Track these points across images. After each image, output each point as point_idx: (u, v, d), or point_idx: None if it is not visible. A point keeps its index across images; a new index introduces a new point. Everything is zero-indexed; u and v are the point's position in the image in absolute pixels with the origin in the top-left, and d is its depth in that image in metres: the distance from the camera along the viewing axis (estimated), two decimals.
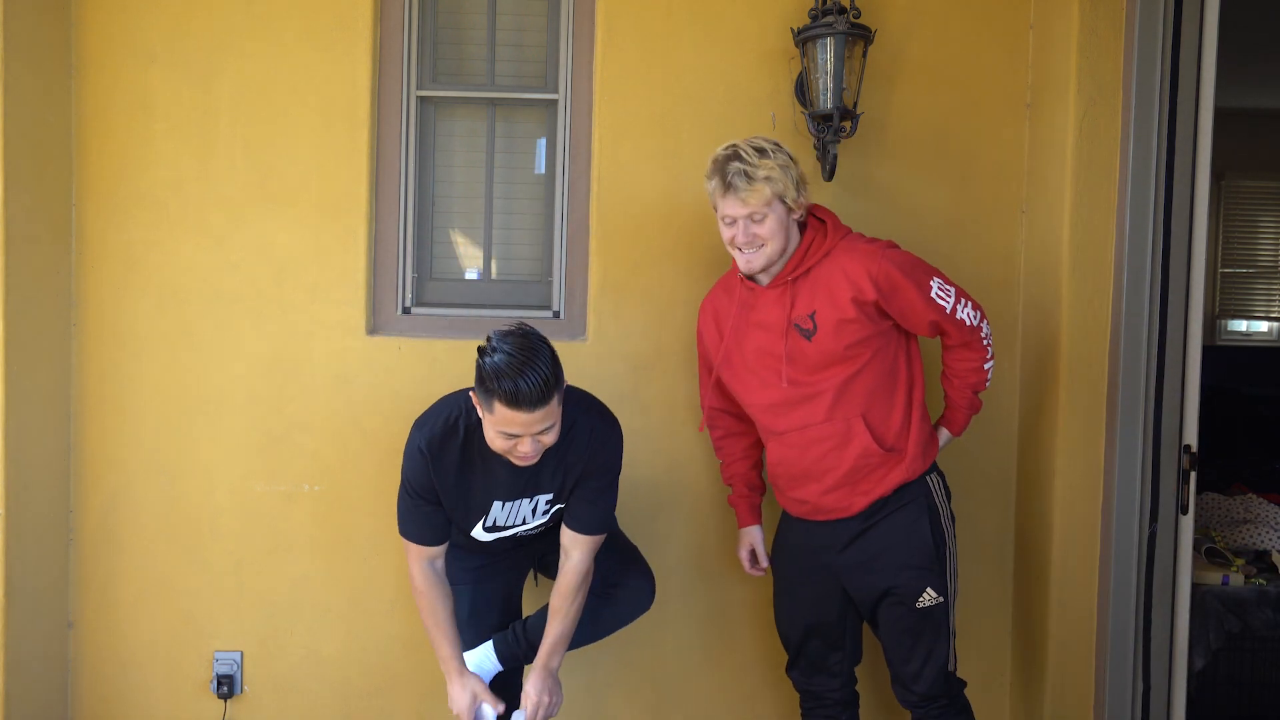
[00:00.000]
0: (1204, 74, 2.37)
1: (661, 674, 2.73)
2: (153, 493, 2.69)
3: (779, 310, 2.15)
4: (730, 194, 2.08)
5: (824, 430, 2.13)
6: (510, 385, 1.84)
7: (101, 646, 2.72)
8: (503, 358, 1.85)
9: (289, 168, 2.65)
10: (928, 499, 2.17)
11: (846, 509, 2.16)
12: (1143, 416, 2.41)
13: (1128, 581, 2.44)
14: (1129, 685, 2.46)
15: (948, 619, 2.18)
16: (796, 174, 2.10)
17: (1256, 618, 3.00)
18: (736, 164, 2.06)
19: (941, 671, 2.18)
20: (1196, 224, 2.39)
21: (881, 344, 2.13)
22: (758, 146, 2.08)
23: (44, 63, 2.55)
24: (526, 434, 1.91)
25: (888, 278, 2.08)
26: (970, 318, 2.17)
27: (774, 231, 2.10)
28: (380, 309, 2.73)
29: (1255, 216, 5.96)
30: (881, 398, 2.14)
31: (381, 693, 2.73)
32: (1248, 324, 6.02)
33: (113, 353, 2.68)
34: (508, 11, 2.80)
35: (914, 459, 2.15)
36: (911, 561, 2.14)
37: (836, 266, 2.11)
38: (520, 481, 2.07)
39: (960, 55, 2.66)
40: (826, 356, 2.10)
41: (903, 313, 2.13)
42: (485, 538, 2.18)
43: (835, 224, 2.19)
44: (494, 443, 1.95)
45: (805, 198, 2.13)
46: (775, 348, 2.15)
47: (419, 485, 2.08)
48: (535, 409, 1.86)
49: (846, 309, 2.08)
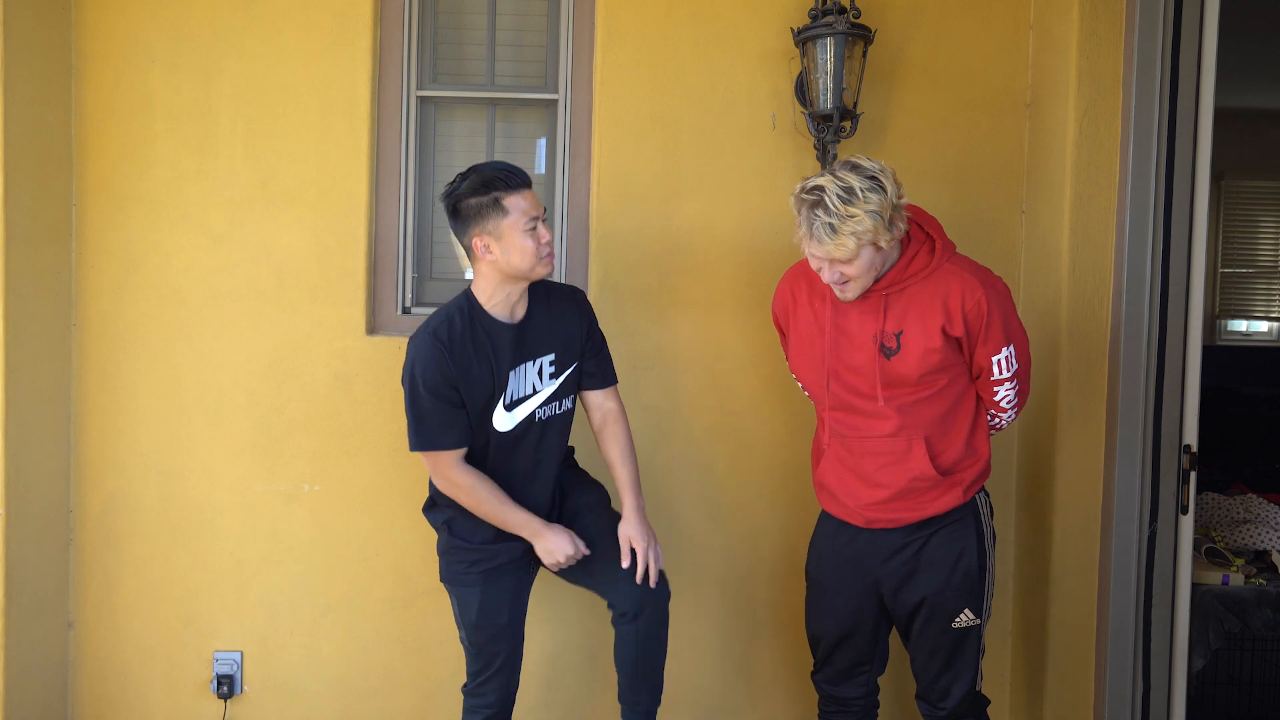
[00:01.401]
0: (1204, 74, 2.37)
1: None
2: (153, 493, 2.69)
3: (869, 320, 2.06)
4: (815, 243, 1.95)
5: (885, 444, 2.08)
6: (500, 174, 2.07)
7: (101, 646, 2.72)
8: (471, 176, 2.09)
9: (289, 168, 2.65)
10: (976, 520, 2.13)
11: (894, 521, 2.11)
12: (1143, 416, 2.41)
13: (1128, 581, 2.44)
14: (1129, 685, 2.46)
15: (980, 640, 2.15)
16: (890, 212, 1.92)
17: (1256, 618, 3.00)
18: (820, 214, 1.90)
19: (970, 691, 2.16)
20: (1196, 224, 2.39)
21: (958, 373, 2.08)
22: (846, 188, 1.89)
23: (44, 63, 2.55)
24: (540, 217, 2.10)
25: (979, 314, 2.00)
26: (1004, 402, 2.11)
27: (864, 270, 1.98)
28: (380, 309, 2.73)
29: (1255, 216, 5.97)
30: (946, 424, 2.08)
31: (381, 693, 2.73)
32: (1248, 324, 6.02)
33: (113, 353, 2.68)
34: (508, 11, 2.80)
35: (970, 485, 2.11)
36: (954, 581, 2.09)
37: (937, 290, 2.01)
38: (521, 348, 2.16)
39: (960, 55, 2.66)
40: (901, 378, 2.04)
41: (971, 349, 2.05)
42: (506, 425, 2.16)
43: (944, 243, 2.06)
44: (526, 250, 2.07)
45: (899, 231, 1.98)
46: (856, 359, 2.08)
47: (437, 380, 2.08)
48: (528, 185, 2.10)
49: (934, 338, 2.01)
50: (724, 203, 2.66)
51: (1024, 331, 2.12)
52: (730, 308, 2.68)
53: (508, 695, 2.29)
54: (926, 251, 2.04)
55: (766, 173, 2.65)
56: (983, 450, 2.13)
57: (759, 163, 2.65)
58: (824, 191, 1.91)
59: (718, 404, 2.69)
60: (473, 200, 2.07)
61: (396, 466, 2.68)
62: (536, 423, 2.21)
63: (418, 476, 2.68)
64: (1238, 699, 3.22)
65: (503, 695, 2.28)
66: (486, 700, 2.27)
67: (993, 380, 2.07)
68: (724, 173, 2.66)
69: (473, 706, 2.29)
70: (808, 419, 2.69)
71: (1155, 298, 2.40)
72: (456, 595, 2.26)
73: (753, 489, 2.71)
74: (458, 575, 2.23)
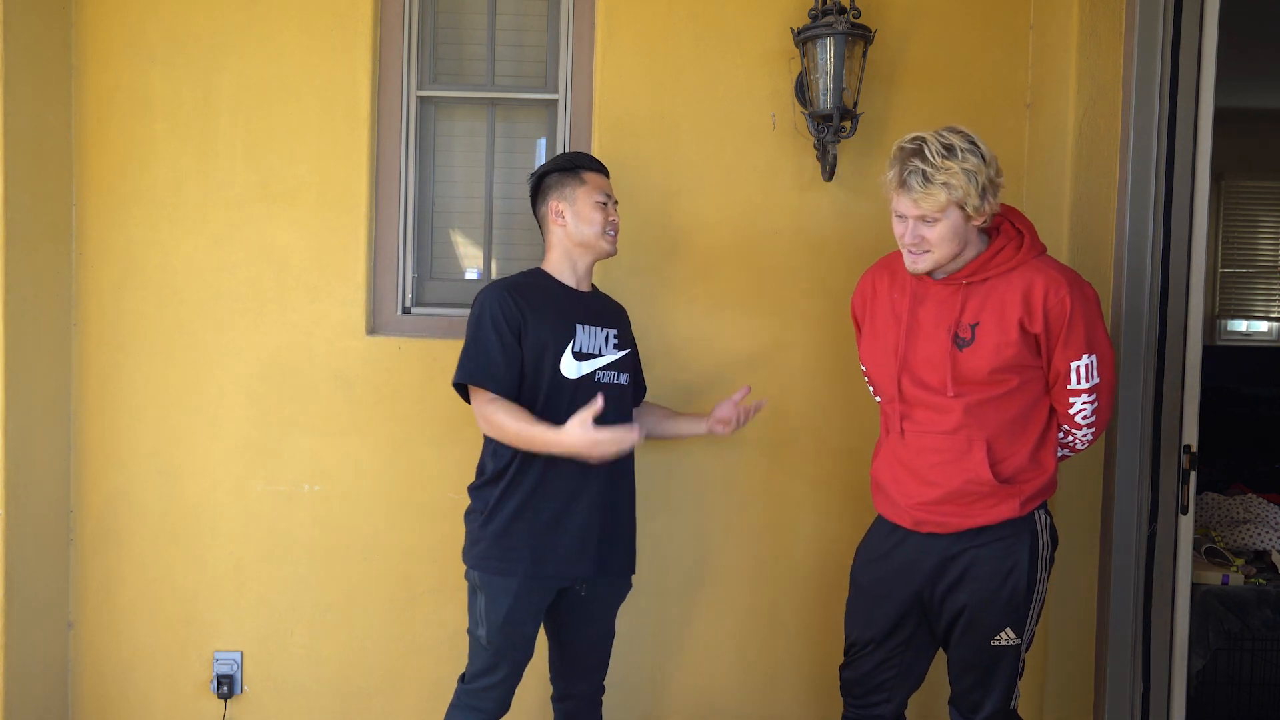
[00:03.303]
0: (1204, 74, 2.37)
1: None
2: (152, 493, 2.69)
3: (944, 310, 2.01)
4: (903, 191, 1.93)
5: (945, 441, 2.01)
6: (586, 156, 2.32)
7: (101, 647, 2.72)
8: (560, 156, 2.32)
9: (289, 168, 2.65)
10: (1032, 538, 2.02)
11: (943, 525, 2.03)
12: (1142, 416, 2.41)
13: (1128, 581, 2.44)
14: (1129, 685, 2.46)
15: (1018, 660, 2.07)
16: (985, 179, 1.91)
17: (1256, 618, 3.00)
18: (916, 161, 1.90)
19: (1002, 710, 2.08)
20: (1196, 224, 2.39)
21: (1031, 376, 1.99)
22: (947, 144, 1.90)
23: (44, 63, 2.55)
24: (611, 200, 2.29)
25: (1062, 311, 1.93)
26: (1080, 417, 2.01)
27: (944, 238, 1.94)
28: (380, 309, 2.73)
29: (1255, 216, 5.96)
30: (1013, 430, 2.00)
31: (381, 693, 2.73)
32: (1248, 324, 6.01)
33: (113, 353, 2.68)
34: (508, 11, 2.80)
35: (1029, 499, 2.01)
36: (1000, 597, 2.00)
37: (1018, 284, 1.96)
38: (589, 311, 2.28)
39: (960, 55, 2.66)
40: (972, 372, 1.97)
41: (1049, 351, 1.98)
42: (574, 373, 2.20)
43: (1033, 240, 2.01)
44: (594, 220, 2.25)
45: (992, 205, 1.95)
46: (929, 350, 2.02)
47: (498, 315, 2.16)
48: (607, 174, 2.33)
49: (1010, 331, 1.95)
50: (724, 203, 2.66)
51: (1111, 347, 2.02)
52: (731, 307, 2.68)
53: (505, 707, 2.26)
54: (1014, 246, 1.99)
55: (767, 173, 2.65)
56: (1048, 465, 2.03)
57: (759, 163, 2.65)
58: (925, 142, 1.91)
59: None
60: (557, 173, 2.28)
61: (396, 466, 2.68)
62: (597, 383, 2.23)
63: (418, 476, 2.68)
64: (1238, 699, 3.22)
65: (501, 706, 2.25)
66: (486, 707, 2.24)
67: (1069, 390, 1.98)
68: (724, 173, 2.66)
69: (470, 705, 2.25)
70: (811, 420, 2.69)
71: (1155, 298, 2.40)
72: (488, 586, 2.17)
73: (757, 488, 2.71)
74: (495, 563, 2.17)
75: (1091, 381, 1.98)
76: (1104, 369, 2.00)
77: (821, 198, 2.65)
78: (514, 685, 2.26)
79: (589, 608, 2.28)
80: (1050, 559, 2.07)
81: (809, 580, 2.71)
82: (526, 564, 2.15)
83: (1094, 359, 1.97)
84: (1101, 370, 1.99)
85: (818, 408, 2.69)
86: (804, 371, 2.68)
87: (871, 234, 2.62)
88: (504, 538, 2.17)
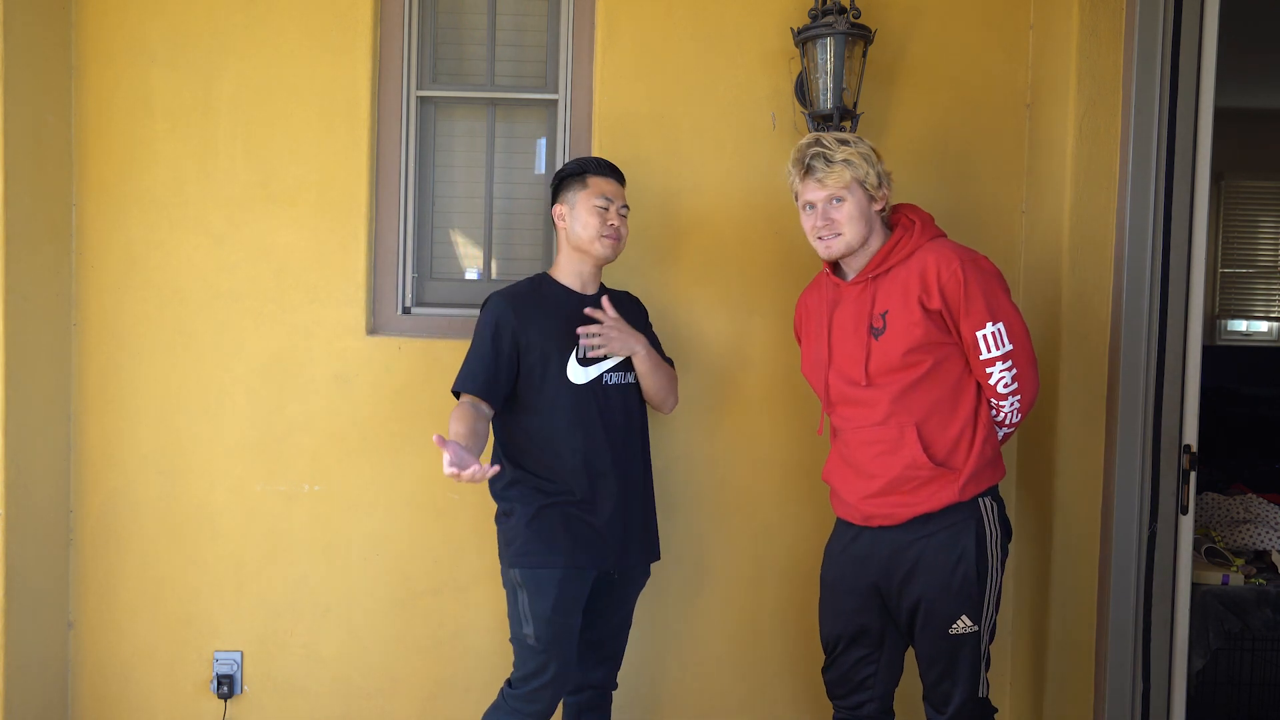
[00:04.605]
0: (1204, 74, 2.37)
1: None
2: (152, 493, 2.69)
3: (859, 307, 2.11)
4: (809, 177, 2.09)
5: (878, 433, 2.08)
6: (594, 160, 2.32)
7: (101, 646, 2.72)
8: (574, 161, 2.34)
9: (289, 168, 2.65)
10: (977, 523, 2.07)
11: (890, 517, 2.09)
12: (1142, 416, 2.42)
13: (1128, 581, 2.44)
14: (1129, 685, 2.46)
15: (979, 648, 2.10)
16: (879, 166, 2.09)
17: (1256, 618, 3.00)
18: (816, 148, 2.07)
19: (971, 698, 2.11)
20: (1196, 224, 2.39)
21: (946, 354, 2.05)
22: (840, 137, 2.09)
23: (44, 63, 2.55)
24: (615, 204, 2.28)
25: (956, 284, 2.00)
26: (1001, 386, 2.05)
27: (851, 217, 2.07)
28: (380, 309, 2.73)
29: (1255, 216, 5.96)
30: (941, 411, 2.06)
31: (381, 693, 2.73)
32: (1248, 324, 6.01)
33: (113, 353, 2.68)
34: (508, 11, 2.80)
35: (968, 480, 2.05)
36: (951, 585, 2.05)
37: (915, 266, 2.05)
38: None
39: (960, 55, 2.66)
40: (888, 359, 2.05)
41: (955, 324, 2.04)
42: (581, 379, 2.22)
43: (926, 225, 2.11)
44: (589, 224, 2.26)
45: (888, 189, 2.11)
46: (850, 347, 2.11)
47: (493, 324, 2.21)
48: (615, 177, 2.32)
49: (914, 310, 2.02)
50: (724, 203, 2.66)
51: (1017, 313, 2.07)
52: (731, 307, 2.68)
53: (550, 711, 2.22)
54: (910, 234, 2.10)
55: (767, 173, 2.65)
56: (983, 447, 2.07)
57: (759, 162, 2.66)
58: (819, 135, 2.11)
59: (719, 403, 2.69)
60: (567, 176, 2.32)
61: (396, 466, 2.68)
62: (605, 386, 2.26)
63: (418, 476, 2.68)
64: (1238, 699, 3.22)
65: (547, 710, 2.21)
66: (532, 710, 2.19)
67: (982, 360, 2.04)
68: (724, 173, 2.66)
69: (516, 709, 2.20)
70: (810, 419, 2.69)
71: (1155, 298, 2.40)
72: (530, 580, 2.18)
73: (757, 489, 2.71)
74: (537, 556, 2.17)
75: (1003, 349, 2.03)
76: (1015, 336, 2.04)
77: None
78: (562, 689, 2.22)
79: (615, 594, 2.32)
80: (1002, 547, 2.12)
81: (809, 581, 2.70)
82: (565, 554, 2.19)
83: (1000, 326, 2.02)
84: (1012, 337, 2.04)
85: (818, 408, 2.68)
86: None
87: None
88: (541, 531, 2.20)
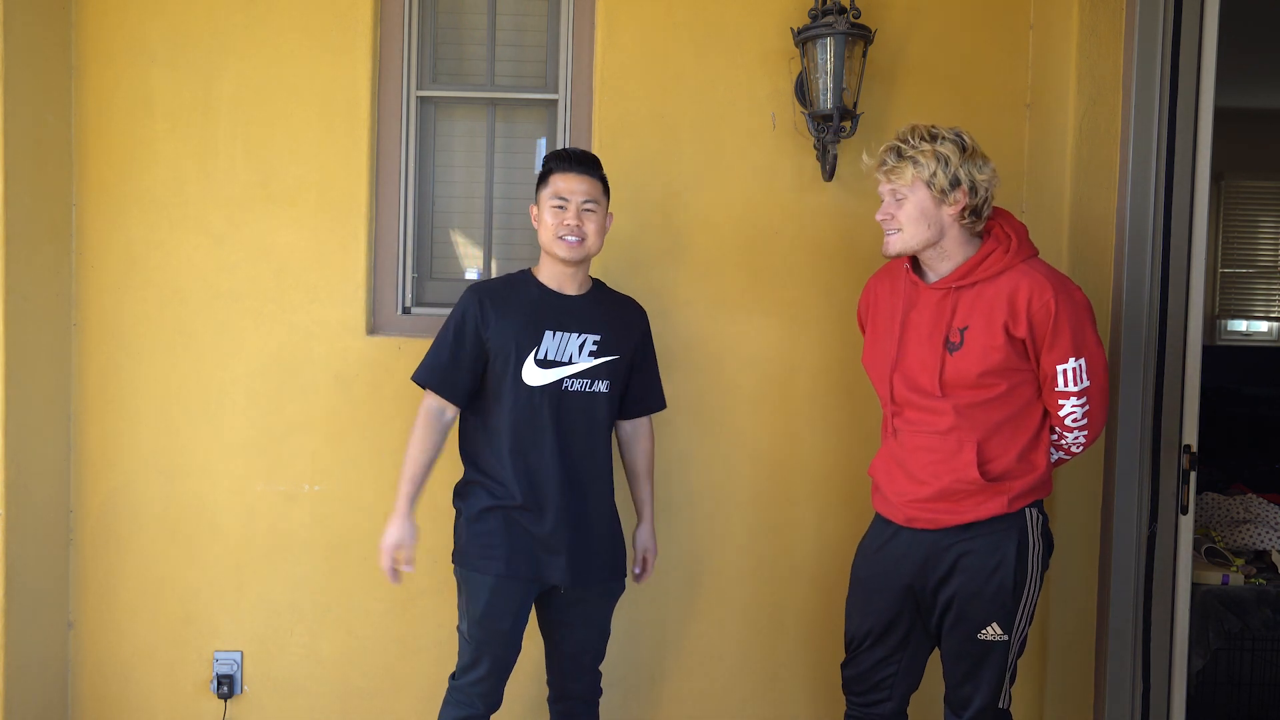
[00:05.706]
0: (1204, 74, 2.37)
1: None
2: (152, 493, 2.69)
3: (937, 315, 2.04)
4: (880, 170, 2.04)
5: (937, 441, 2.04)
6: (563, 152, 2.24)
7: (101, 646, 2.72)
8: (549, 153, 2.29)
9: (289, 168, 2.65)
10: (1020, 533, 2.03)
11: (933, 522, 2.06)
12: (1142, 416, 2.42)
13: (1128, 581, 2.44)
14: (1129, 685, 2.46)
15: (1007, 658, 2.07)
16: (959, 168, 1.96)
17: (1256, 618, 3.00)
18: (896, 140, 2.01)
19: (990, 706, 2.09)
20: (1196, 224, 2.39)
21: (1021, 380, 2.01)
22: (932, 132, 1.99)
23: (44, 63, 2.55)
24: (574, 202, 2.18)
25: (1046, 315, 1.94)
26: (1070, 420, 2.01)
27: (911, 218, 1.99)
28: (380, 309, 2.73)
29: (1255, 216, 5.96)
30: (1005, 431, 2.02)
31: (381, 693, 2.73)
32: (1248, 324, 6.02)
33: (113, 353, 2.68)
34: (508, 11, 2.80)
35: (1018, 496, 2.02)
36: (986, 590, 2.02)
37: (1005, 288, 1.97)
38: (565, 316, 2.23)
39: (960, 55, 2.66)
40: (961, 375, 2.00)
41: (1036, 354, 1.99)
42: (535, 380, 2.18)
43: (1022, 243, 2.03)
44: (547, 225, 2.20)
45: (966, 197, 1.98)
46: (922, 354, 2.05)
47: (462, 319, 2.20)
48: (580, 170, 2.21)
49: (996, 335, 1.96)
50: (724, 202, 2.66)
51: (1101, 349, 2.01)
52: (731, 307, 2.68)
53: (493, 703, 2.26)
54: (1002, 251, 2.01)
55: (766, 173, 2.65)
56: (1039, 464, 2.04)
57: (759, 163, 2.65)
58: (913, 127, 2.02)
59: (719, 403, 2.69)
60: (540, 174, 2.27)
61: (396, 466, 2.67)
62: (563, 391, 2.21)
63: None
64: (1238, 699, 3.22)
65: (489, 704, 2.26)
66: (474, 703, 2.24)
67: (1058, 391, 1.99)
68: (724, 173, 2.66)
69: (458, 701, 2.26)
70: (810, 419, 2.69)
71: (1155, 298, 2.40)
72: (466, 581, 2.23)
73: (757, 489, 2.71)
74: (473, 560, 2.21)
75: (1080, 385, 1.98)
76: (1094, 373, 1.99)
77: (821, 198, 2.65)
78: (500, 683, 2.26)
79: (577, 609, 2.28)
80: (1043, 561, 2.08)
81: (810, 580, 2.71)
82: (500, 563, 2.19)
83: (1082, 363, 1.97)
84: (1091, 374, 1.99)
85: (818, 407, 2.69)
86: (804, 371, 2.68)
87: (871, 234, 2.61)
88: (481, 536, 2.21)
